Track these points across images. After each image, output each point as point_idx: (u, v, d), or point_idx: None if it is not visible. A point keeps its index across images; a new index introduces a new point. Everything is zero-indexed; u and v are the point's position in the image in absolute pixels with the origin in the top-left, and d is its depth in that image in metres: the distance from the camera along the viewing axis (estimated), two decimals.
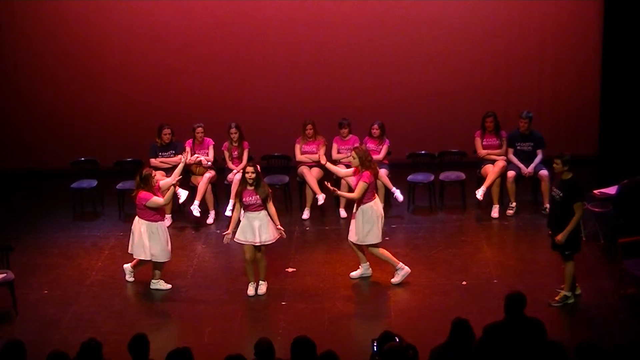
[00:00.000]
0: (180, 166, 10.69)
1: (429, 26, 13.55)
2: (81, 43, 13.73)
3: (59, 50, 13.78)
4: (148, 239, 10.08)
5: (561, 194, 9.34)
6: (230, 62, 13.74)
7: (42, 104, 13.99)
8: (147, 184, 10.07)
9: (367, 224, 10.02)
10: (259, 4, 13.57)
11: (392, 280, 10.19)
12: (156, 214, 10.15)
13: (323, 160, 10.42)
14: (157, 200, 10.08)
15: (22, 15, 13.63)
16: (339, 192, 10.37)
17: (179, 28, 13.64)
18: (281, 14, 13.59)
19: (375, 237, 10.09)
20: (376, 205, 10.11)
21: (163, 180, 10.63)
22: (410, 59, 13.66)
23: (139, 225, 10.13)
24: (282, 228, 10.07)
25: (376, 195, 10.25)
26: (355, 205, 10.14)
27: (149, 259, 10.19)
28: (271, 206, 9.96)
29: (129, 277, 10.54)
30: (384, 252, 10.21)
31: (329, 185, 10.25)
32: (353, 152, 10.20)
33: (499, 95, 13.64)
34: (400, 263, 10.21)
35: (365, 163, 10.03)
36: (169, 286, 10.33)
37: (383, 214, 10.21)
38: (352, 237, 10.18)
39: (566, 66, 13.63)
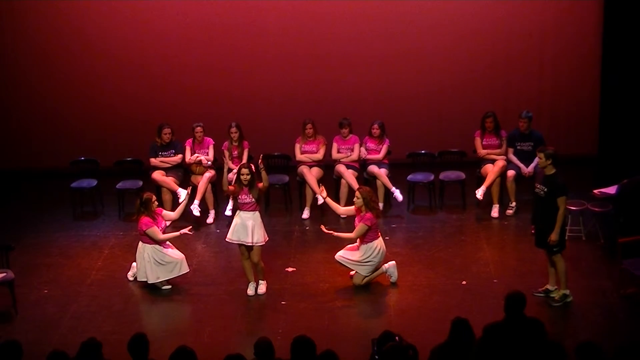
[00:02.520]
0: (183, 204, 10.76)
1: (429, 26, 13.56)
2: (81, 42, 13.73)
3: (59, 49, 13.78)
4: (154, 264, 10.14)
5: (545, 189, 9.37)
6: (231, 61, 13.73)
7: (42, 103, 13.98)
8: (147, 208, 10.11)
9: (366, 259, 10.01)
10: (259, 3, 13.57)
11: (391, 279, 10.18)
12: None
13: (324, 194, 10.52)
14: (157, 233, 10.11)
15: (22, 14, 13.62)
16: (335, 233, 10.23)
17: (179, 28, 13.64)
18: (281, 14, 13.59)
19: (368, 271, 10.08)
20: (379, 243, 10.05)
21: (165, 211, 10.70)
22: (410, 58, 13.66)
23: (143, 251, 10.16)
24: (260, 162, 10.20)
25: (379, 234, 10.16)
26: (358, 240, 10.09)
27: (153, 282, 10.22)
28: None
29: (131, 276, 10.55)
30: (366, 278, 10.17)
31: (324, 228, 10.18)
32: (357, 191, 10.14)
33: (499, 95, 13.64)
34: (382, 266, 10.19)
35: (370, 204, 9.96)
36: (169, 286, 10.33)
37: (385, 249, 10.14)
38: (346, 256, 10.10)
39: (566, 66, 13.63)
